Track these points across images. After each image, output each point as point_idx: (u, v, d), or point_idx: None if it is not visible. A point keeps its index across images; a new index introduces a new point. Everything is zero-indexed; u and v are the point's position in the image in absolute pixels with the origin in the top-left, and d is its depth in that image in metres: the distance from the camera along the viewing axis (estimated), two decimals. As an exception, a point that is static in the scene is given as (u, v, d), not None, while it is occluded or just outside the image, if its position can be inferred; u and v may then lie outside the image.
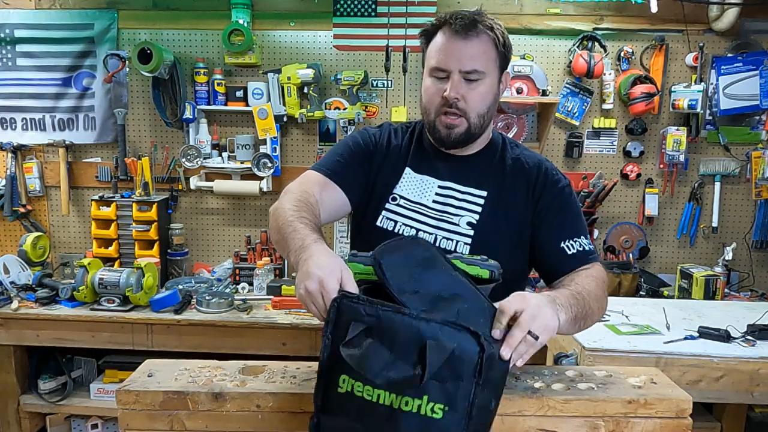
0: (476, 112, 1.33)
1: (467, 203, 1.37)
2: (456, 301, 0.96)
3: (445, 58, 1.30)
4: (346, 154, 1.42)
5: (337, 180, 1.37)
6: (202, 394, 1.10)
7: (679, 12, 2.90)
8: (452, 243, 1.34)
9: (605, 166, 3.11)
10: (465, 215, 1.36)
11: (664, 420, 1.10)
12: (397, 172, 1.42)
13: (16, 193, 3.13)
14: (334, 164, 1.40)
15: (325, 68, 3.06)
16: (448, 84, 1.30)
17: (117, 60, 2.99)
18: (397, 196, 1.40)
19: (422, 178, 1.41)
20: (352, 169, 1.40)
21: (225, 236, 3.25)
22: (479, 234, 1.34)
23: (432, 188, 1.39)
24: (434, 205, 1.38)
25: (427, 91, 1.35)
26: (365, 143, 1.44)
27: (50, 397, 2.85)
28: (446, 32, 1.31)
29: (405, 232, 1.36)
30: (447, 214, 1.37)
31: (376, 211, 1.40)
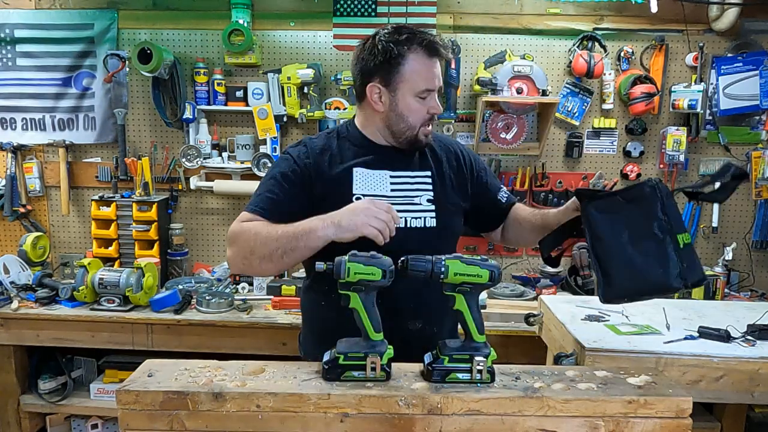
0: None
1: (419, 184, 1.56)
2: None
3: (433, 80, 1.48)
4: (277, 189, 1.50)
5: (276, 219, 1.44)
6: (202, 394, 1.10)
7: (679, 12, 2.90)
8: (421, 220, 1.53)
9: (605, 166, 3.11)
10: (422, 194, 1.55)
11: (664, 420, 1.11)
12: (346, 175, 1.52)
13: (16, 193, 3.13)
14: (268, 203, 1.49)
15: (325, 68, 3.06)
16: (433, 101, 1.50)
17: (117, 60, 2.99)
18: (359, 195, 1.50)
19: (374, 173, 1.54)
20: (287, 203, 1.48)
21: (225, 236, 3.24)
22: (438, 206, 1.55)
23: (386, 179, 1.54)
24: (393, 193, 1.53)
25: (416, 111, 1.50)
26: (293, 173, 1.51)
27: (50, 397, 2.85)
28: (423, 55, 1.46)
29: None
30: (407, 198, 1.54)
31: None
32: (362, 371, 1.19)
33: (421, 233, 1.52)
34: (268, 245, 1.37)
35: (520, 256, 3.16)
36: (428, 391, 1.15)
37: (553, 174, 3.10)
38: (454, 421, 1.12)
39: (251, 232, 1.41)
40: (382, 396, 1.12)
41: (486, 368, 1.19)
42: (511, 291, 2.89)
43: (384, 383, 1.18)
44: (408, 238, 1.46)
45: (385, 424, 1.12)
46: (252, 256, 1.40)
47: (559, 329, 1.98)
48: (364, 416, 1.12)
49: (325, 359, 1.22)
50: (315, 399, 1.11)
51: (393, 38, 1.45)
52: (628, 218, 1.32)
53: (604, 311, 2.08)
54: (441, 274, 1.21)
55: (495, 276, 1.23)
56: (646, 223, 1.34)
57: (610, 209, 1.34)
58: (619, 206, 1.34)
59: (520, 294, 2.87)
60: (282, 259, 1.38)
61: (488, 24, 3.00)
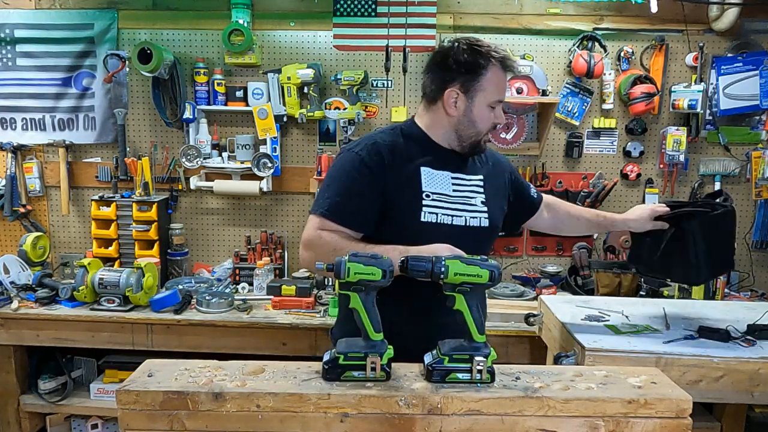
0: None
1: (474, 187, 1.66)
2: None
3: (504, 92, 1.63)
4: (351, 193, 1.54)
5: (349, 223, 1.53)
6: (202, 394, 1.10)
7: (679, 12, 2.90)
8: (477, 220, 1.63)
9: (605, 166, 3.11)
10: (477, 196, 1.65)
11: (664, 420, 1.11)
12: (416, 174, 1.58)
13: (16, 193, 3.13)
14: (343, 207, 1.53)
15: (325, 68, 3.06)
16: (499, 112, 1.63)
17: (117, 60, 2.99)
18: (429, 193, 1.58)
19: (438, 173, 1.62)
20: (363, 207, 1.54)
21: (225, 236, 3.25)
22: (490, 208, 1.66)
23: (448, 180, 1.63)
24: (454, 193, 1.62)
25: (486, 119, 1.62)
26: (364, 173, 1.55)
27: (50, 397, 2.85)
28: (499, 70, 1.59)
29: (444, 221, 1.57)
30: (466, 198, 1.63)
31: (415, 210, 1.55)
32: (362, 371, 1.19)
33: (477, 232, 1.62)
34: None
35: (520, 256, 3.16)
36: (428, 391, 1.15)
37: (553, 174, 3.10)
38: (454, 421, 1.12)
39: (329, 246, 1.48)
40: (382, 396, 1.12)
41: (486, 368, 1.19)
42: (511, 291, 2.89)
43: (384, 383, 1.18)
44: (467, 236, 1.58)
45: (385, 424, 1.12)
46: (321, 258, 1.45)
47: (559, 329, 1.98)
48: (364, 416, 1.12)
49: (325, 359, 1.22)
50: (315, 399, 1.11)
51: (476, 50, 1.57)
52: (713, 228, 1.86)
53: (604, 311, 2.08)
54: (441, 274, 1.21)
55: (495, 276, 1.23)
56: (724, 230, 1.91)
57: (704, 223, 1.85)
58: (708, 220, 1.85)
59: (520, 294, 2.87)
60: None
61: (488, 24, 3.00)
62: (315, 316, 2.65)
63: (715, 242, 1.87)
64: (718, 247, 1.89)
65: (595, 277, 2.85)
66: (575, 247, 3.05)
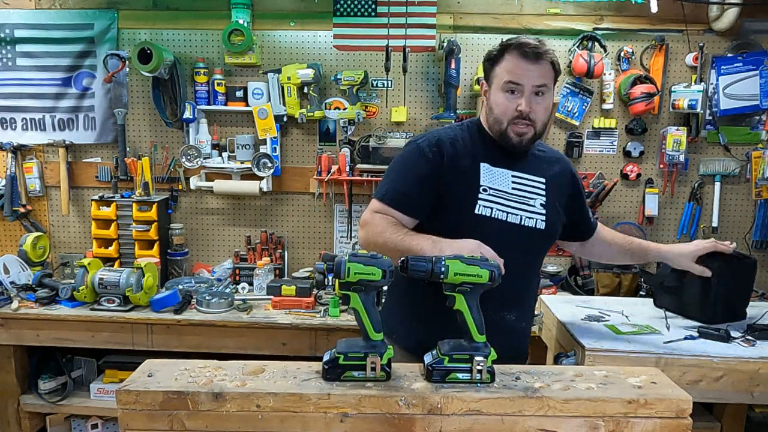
0: (541, 121, 1.61)
1: (534, 188, 1.66)
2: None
3: (520, 75, 1.56)
4: (409, 181, 1.62)
5: (404, 210, 1.60)
6: (202, 394, 1.10)
7: (679, 12, 2.90)
8: (533, 221, 1.63)
9: (605, 166, 3.11)
10: (537, 198, 1.66)
11: (664, 420, 1.11)
12: (475, 169, 1.62)
13: (16, 193, 3.13)
14: (400, 194, 1.61)
15: (325, 68, 3.06)
16: (522, 99, 1.56)
17: (117, 60, 2.99)
18: (486, 188, 1.61)
19: (498, 170, 1.64)
20: (418, 195, 1.60)
21: (225, 236, 3.25)
22: (548, 212, 1.65)
23: (507, 178, 1.64)
24: (513, 192, 1.63)
25: (501, 105, 1.59)
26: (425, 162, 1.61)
27: (50, 397, 2.85)
28: (516, 56, 1.57)
29: (498, 216, 1.59)
30: (524, 198, 1.64)
31: (471, 203, 1.58)
32: (362, 371, 1.19)
33: (531, 233, 1.62)
34: (387, 244, 1.54)
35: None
36: (428, 391, 1.15)
37: (553, 174, 3.10)
38: (454, 421, 1.12)
39: (378, 228, 1.57)
40: (382, 396, 1.12)
41: (486, 368, 1.19)
42: (511, 291, 2.88)
43: (384, 383, 1.18)
44: (520, 235, 1.60)
45: (385, 424, 1.12)
46: (375, 245, 1.57)
47: (559, 329, 1.98)
48: (364, 416, 1.12)
49: (325, 359, 1.22)
50: (315, 399, 1.11)
51: (502, 43, 1.62)
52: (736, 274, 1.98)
53: (604, 311, 2.08)
54: (441, 274, 1.21)
55: (495, 276, 1.23)
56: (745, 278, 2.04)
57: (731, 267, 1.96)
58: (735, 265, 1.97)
59: (520, 294, 2.86)
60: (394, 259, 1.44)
61: (488, 24, 3.00)
62: (315, 316, 2.65)
63: (734, 289, 1.98)
64: (736, 294, 2.00)
65: (595, 277, 2.85)
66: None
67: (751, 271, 2.05)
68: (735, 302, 2.01)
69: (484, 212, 1.58)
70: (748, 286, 2.07)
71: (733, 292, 2.00)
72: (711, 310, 1.95)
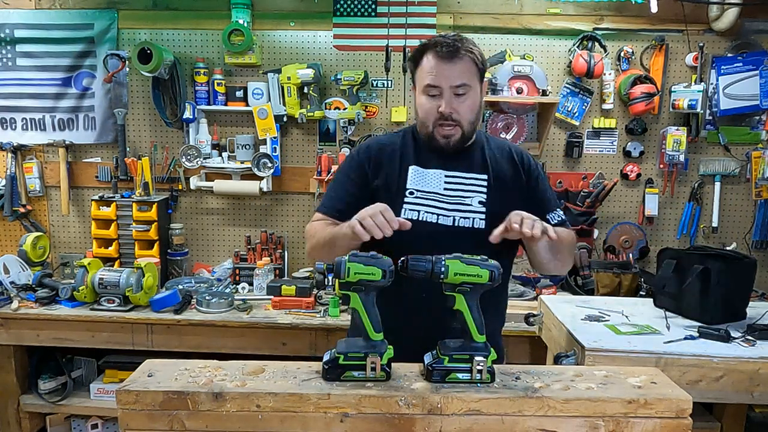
0: (467, 120, 1.57)
1: (474, 186, 1.60)
2: None
3: (436, 78, 1.52)
4: (341, 191, 1.65)
5: (338, 216, 1.58)
6: (202, 394, 1.10)
7: (679, 12, 2.90)
8: (469, 221, 1.56)
9: (605, 166, 3.11)
10: (475, 195, 1.59)
11: (664, 420, 1.11)
12: (402, 173, 1.61)
13: (16, 193, 3.13)
14: (334, 202, 1.63)
15: (325, 68, 3.06)
16: (442, 100, 1.53)
17: (117, 60, 2.99)
18: (413, 190, 1.58)
19: (429, 171, 1.60)
20: (350, 201, 1.59)
21: (225, 236, 3.25)
22: (490, 209, 1.57)
23: (440, 178, 1.60)
24: (446, 192, 1.59)
25: (423, 107, 1.57)
26: (353, 170, 1.66)
27: (50, 397, 2.85)
28: (433, 57, 1.53)
29: (427, 219, 1.55)
30: (459, 197, 1.58)
31: (398, 207, 1.56)
32: (362, 371, 1.19)
33: (468, 233, 1.56)
34: (320, 245, 1.57)
35: (520, 256, 3.15)
36: (428, 391, 1.15)
37: (553, 174, 3.10)
38: (454, 421, 1.12)
39: (312, 233, 1.61)
40: (382, 396, 1.12)
41: (486, 368, 1.19)
42: (511, 291, 2.88)
43: (384, 383, 1.18)
44: (456, 237, 1.53)
45: (385, 424, 1.12)
46: (314, 252, 1.61)
47: (559, 329, 1.98)
48: (364, 416, 1.12)
49: (325, 359, 1.22)
50: (315, 399, 1.11)
51: (421, 43, 1.59)
52: (736, 274, 2.01)
53: (604, 311, 2.08)
54: (441, 274, 1.21)
55: (495, 276, 1.23)
56: (745, 278, 2.07)
57: (730, 267, 2.00)
58: (734, 265, 2.02)
59: (520, 294, 2.87)
60: (332, 255, 1.42)
61: (488, 24, 3.00)
62: (315, 316, 2.65)
63: (734, 289, 2.00)
64: (735, 294, 2.02)
65: (595, 277, 2.85)
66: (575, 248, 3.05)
67: (751, 271, 2.05)
68: (735, 302, 2.02)
69: (410, 215, 1.55)
70: (748, 286, 2.08)
71: (733, 292, 2.01)
72: (711, 310, 1.96)
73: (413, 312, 1.52)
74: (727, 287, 1.97)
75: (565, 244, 1.60)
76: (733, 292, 2.01)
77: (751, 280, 2.08)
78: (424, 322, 1.51)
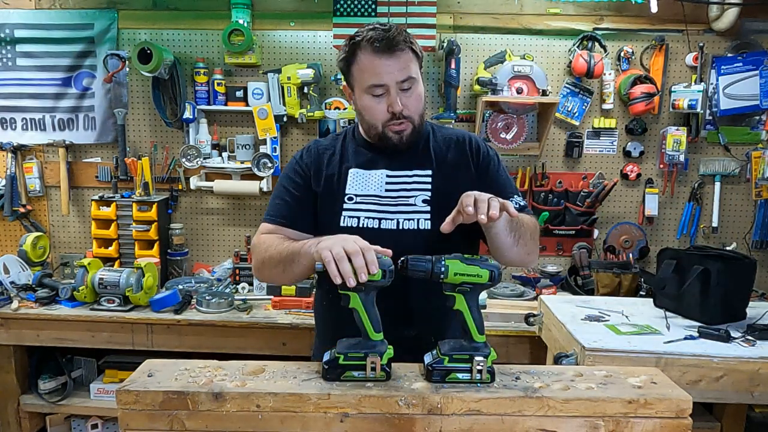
0: (417, 113, 1.49)
1: (417, 184, 1.51)
2: None
3: (380, 75, 1.42)
4: (286, 195, 1.55)
5: (289, 224, 1.52)
6: (202, 394, 1.10)
7: (679, 12, 2.90)
8: (414, 222, 1.47)
9: (605, 166, 3.11)
10: (419, 194, 1.50)
11: (664, 420, 1.11)
12: (341, 176, 1.53)
13: (16, 193, 3.13)
14: (281, 209, 1.54)
15: (325, 68, 3.06)
16: (389, 98, 1.43)
17: (117, 60, 2.99)
18: (352, 195, 1.50)
19: (370, 173, 1.52)
20: (297, 207, 1.53)
21: (225, 236, 3.25)
22: (435, 207, 1.47)
23: (381, 179, 1.52)
24: (388, 193, 1.50)
25: (370, 109, 1.46)
26: (296, 175, 1.57)
27: (50, 397, 2.85)
28: (369, 53, 1.42)
29: (368, 225, 1.47)
30: (402, 198, 1.49)
31: (335, 215, 1.49)
32: (362, 371, 1.19)
33: (414, 235, 1.47)
34: (274, 261, 1.43)
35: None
36: (428, 391, 1.15)
37: (553, 174, 3.10)
38: (454, 421, 1.12)
39: (263, 247, 1.47)
40: (382, 396, 1.12)
41: (486, 368, 1.19)
42: (511, 291, 2.89)
43: (384, 383, 1.18)
44: (402, 241, 1.43)
45: (385, 424, 1.12)
46: (264, 268, 1.48)
47: (559, 329, 1.98)
48: (364, 416, 1.12)
49: (325, 359, 1.22)
50: (315, 399, 1.11)
51: (351, 39, 1.45)
52: (735, 274, 2.02)
53: (604, 311, 2.08)
54: (441, 274, 1.21)
55: (495, 276, 1.22)
56: (744, 278, 2.08)
57: (730, 267, 2.01)
58: (733, 265, 2.03)
59: (520, 294, 2.87)
60: (285, 274, 1.42)
61: (488, 24, 3.00)
62: (315, 316, 2.64)
63: (734, 289, 2.01)
64: (735, 294, 2.02)
65: (595, 277, 2.85)
66: (575, 247, 3.05)
67: (751, 271, 2.05)
68: (735, 302, 2.02)
69: (349, 223, 1.47)
70: (748, 286, 2.08)
71: (733, 292, 2.01)
72: (711, 310, 1.96)
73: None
74: (727, 287, 1.97)
75: (527, 227, 1.46)
76: (733, 292, 2.01)
77: (750, 280, 2.08)
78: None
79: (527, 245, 1.47)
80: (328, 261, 1.17)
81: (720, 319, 1.95)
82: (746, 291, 2.08)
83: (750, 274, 2.07)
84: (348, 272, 1.16)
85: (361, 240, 1.20)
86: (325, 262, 1.17)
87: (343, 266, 1.16)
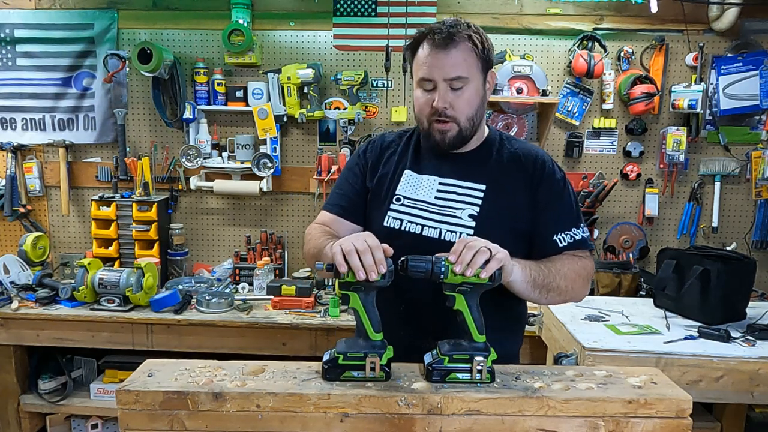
0: (465, 115, 1.41)
1: (468, 197, 1.45)
2: None
3: (429, 70, 1.38)
4: (346, 187, 1.57)
5: (344, 215, 1.54)
6: (202, 394, 1.10)
7: (679, 12, 2.90)
8: (455, 235, 1.41)
9: (605, 166, 3.11)
10: (467, 208, 1.44)
11: (664, 420, 1.10)
12: (395, 176, 1.51)
13: (16, 193, 3.13)
14: (339, 199, 1.56)
15: (325, 68, 3.06)
16: (436, 94, 1.38)
17: (117, 60, 2.99)
18: (400, 197, 1.48)
19: (423, 177, 1.49)
20: (354, 199, 1.55)
21: (225, 236, 3.25)
22: (480, 225, 1.41)
23: (433, 186, 1.47)
24: (437, 201, 1.45)
25: (418, 102, 1.44)
26: (357, 167, 1.58)
27: (50, 397, 2.85)
28: (428, 46, 1.39)
29: (410, 229, 1.44)
30: (449, 209, 1.44)
31: (382, 213, 1.48)
32: (362, 371, 1.19)
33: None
34: (310, 254, 1.48)
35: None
36: (428, 391, 1.15)
37: (553, 174, 3.09)
38: (454, 421, 1.12)
39: (307, 238, 1.52)
40: (382, 396, 1.12)
41: (486, 368, 1.19)
42: (511, 291, 2.88)
43: (384, 383, 1.18)
44: (440, 251, 1.30)
45: (385, 424, 1.12)
46: (307, 256, 1.52)
47: (559, 329, 1.98)
48: (364, 416, 1.12)
49: (325, 359, 1.22)
50: (315, 399, 1.11)
51: (418, 32, 1.43)
52: (735, 274, 2.03)
53: (604, 311, 2.08)
54: (441, 275, 1.21)
55: (495, 276, 1.22)
56: (744, 279, 2.09)
57: (729, 267, 2.02)
58: (733, 266, 2.05)
59: (520, 294, 2.86)
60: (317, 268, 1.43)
61: (488, 24, 2.99)
62: (315, 316, 2.65)
63: (734, 289, 2.02)
64: (735, 294, 2.03)
65: (595, 277, 2.85)
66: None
67: (751, 271, 2.05)
68: (735, 302, 2.02)
69: (392, 224, 1.45)
70: (748, 286, 2.08)
71: (733, 293, 2.01)
72: (711, 310, 1.96)
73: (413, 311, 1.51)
74: (727, 287, 1.97)
75: (563, 276, 1.36)
76: (732, 292, 2.01)
77: (750, 280, 2.08)
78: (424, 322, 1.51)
79: (562, 294, 1.39)
80: (336, 253, 1.17)
81: (720, 319, 1.95)
82: (746, 291, 2.08)
83: (750, 274, 2.07)
84: (357, 266, 1.16)
85: (371, 237, 1.21)
86: (333, 254, 1.18)
87: (352, 260, 1.16)
